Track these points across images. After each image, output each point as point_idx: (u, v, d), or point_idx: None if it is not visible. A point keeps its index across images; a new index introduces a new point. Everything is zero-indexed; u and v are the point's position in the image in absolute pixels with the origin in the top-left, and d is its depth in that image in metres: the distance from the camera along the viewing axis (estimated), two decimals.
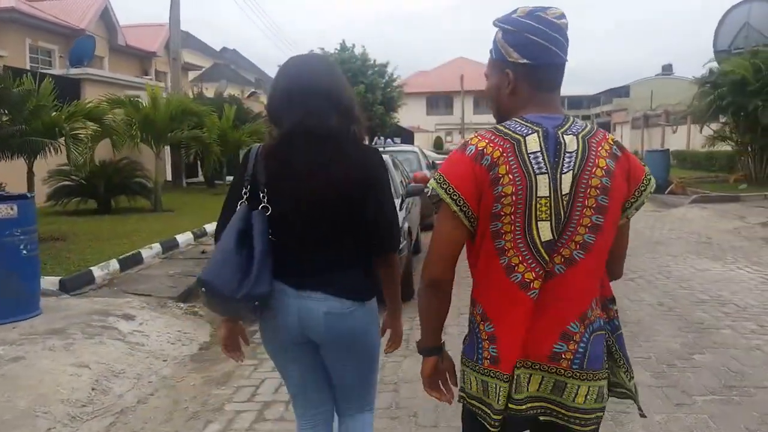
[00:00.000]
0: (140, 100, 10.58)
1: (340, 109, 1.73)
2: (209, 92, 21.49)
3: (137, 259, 6.71)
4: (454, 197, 1.34)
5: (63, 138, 6.96)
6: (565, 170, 1.35)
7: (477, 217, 1.36)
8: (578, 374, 1.39)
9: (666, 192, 14.16)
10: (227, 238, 1.68)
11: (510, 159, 1.33)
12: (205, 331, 4.77)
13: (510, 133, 1.37)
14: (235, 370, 3.79)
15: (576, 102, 67.29)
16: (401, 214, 5.64)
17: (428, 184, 1.41)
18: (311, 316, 1.74)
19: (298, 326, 1.76)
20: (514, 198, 1.33)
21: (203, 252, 7.39)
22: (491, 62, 1.47)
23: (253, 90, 30.34)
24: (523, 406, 1.40)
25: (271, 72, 27.35)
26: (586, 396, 1.39)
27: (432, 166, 12.63)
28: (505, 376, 1.38)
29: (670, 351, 4.08)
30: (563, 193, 1.34)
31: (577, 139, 1.38)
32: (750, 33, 16.59)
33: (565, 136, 1.38)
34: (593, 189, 1.36)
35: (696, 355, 4.02)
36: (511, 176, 1.32)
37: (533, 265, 1.35)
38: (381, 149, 11.96)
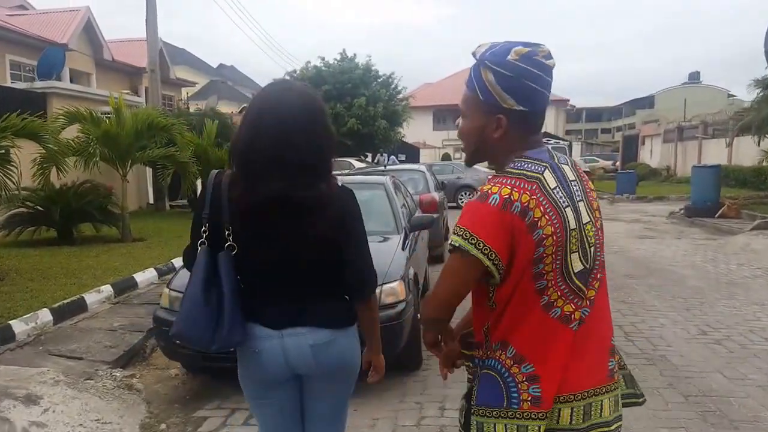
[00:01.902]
0: (111, 115, 9.46)
1: (323, 167, 1.68)
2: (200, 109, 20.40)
3: (79, 306, 5.49)
4: (485, 251, 1.30)
5: None
6: (578, 199, 1.40)
7: (505, 266, 1.33)
8: (613, 386, 1.46)
9: (717, 216, 12.32)
10: (193, 286, 1.65)
11: (541, 200, 1.32)
12: (137, 417, 3.55)
13: (528, 173, 1.35)
14: None
15: (595, 115, 64.81)
16: (403, 255, 4.39)
17: (451, 241, 1.35)
18: (298, 353, 1.73)
19: (284, 364, 1.74)
20: (554, 238, 1.32)
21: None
22: (474, 102, 1.40)
23: (244, 105, 29.26)
24: None
25: None
26: (609, 408, 1.43)
27: (441, 186, 11.38)
28: (544, 414, 1.36)
29: None
30: (584, 221, 1.39)
31: (569, 167, 1.44)
32: None
33: (563, 166, 1.42)
34: (597, 211, 1.47)
35: None
36: (547, 217, 1.31)
37: (572, 297, 1.37)
38: (383, 168, 10.86)
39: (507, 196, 1.30)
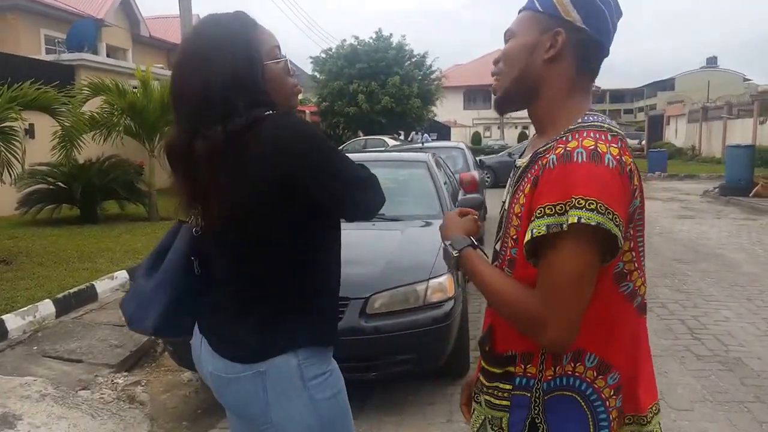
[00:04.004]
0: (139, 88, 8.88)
1: (224, 103, 1.18)
2: None
3: (88, 296, 4.92)
4: (622, 230, 1.00)
5: None
6: None
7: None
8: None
9: (751, 195, 12.23)
10: (148, 257, 1.41)
11: (634, 163, 1.08)
12: None
13: (613, 129, 1.09)
14: None
15: (618, 96, 68.19)
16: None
17: (582, 218, 0.96)
18: (206, 372, 1.34)
19: (206, 376, 1.38)
20: (640, 210, 1.11)
21: None
22: (529, 17, 1.16)
23: None
24: None
25: (304, 65, 25.87)
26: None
27: (480, 165, 10.69)
28: (631, 418, 1.13)
29: None
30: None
31: None
32: None
33: None
34: None
35: None
36: (637, 182, 1.08)
37: (644, 283, 1.16)
38: (420, 145, 10.25)
39: (617, 156, 1.02)
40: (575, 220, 0.96)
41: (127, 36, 20.39)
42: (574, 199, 0.97)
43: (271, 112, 1.19)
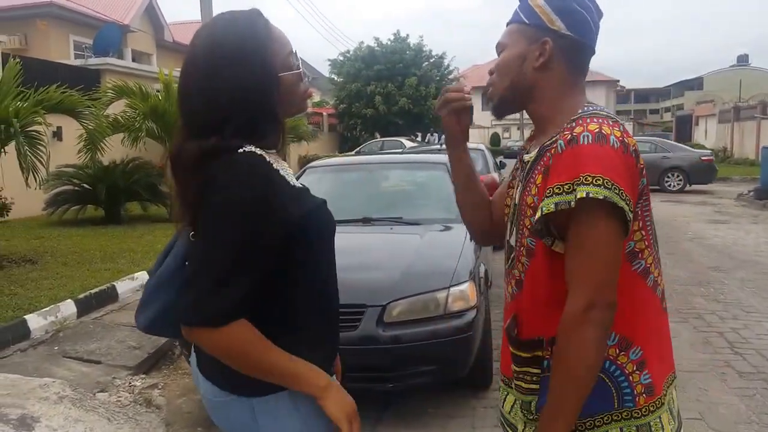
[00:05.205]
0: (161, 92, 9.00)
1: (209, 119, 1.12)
2: None
3: (109, 296, 4.96)
4: (629, 204, 1.07)
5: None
6: None
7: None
8: None
9: None
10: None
11: (636, 145, 1.15)
12: None
13: (615, 118, 1.17)
14: None
15: (643, 96, 67.48)
16: (472, 248, 3.43)
17: (590, 193, 1.04)
18: (201, 391, 1.25)
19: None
20: (647, 189, 1.18)
21: None
22: (517, 30, 1.25)
23: None
24: None
25: (322, 68, 26.10)
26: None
27: (500, 166, 10.54)
28: (660, 401, 1.17)
29: None
30: None
31: None
32: None
33: None
34: None
35: None
36: (642, 163, 1.14)
37: (658, 261, 1.22)
38: (438, 147, 10.10)
39: (620, 137, 1.10)
40: (583, 195, 1.03)
41: (152, 41, 20.74)
42: (582, 177, 1.05)
43: (245, 150, 1.10)
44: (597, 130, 1.09)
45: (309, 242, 1.16)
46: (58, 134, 9.01)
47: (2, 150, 5.43)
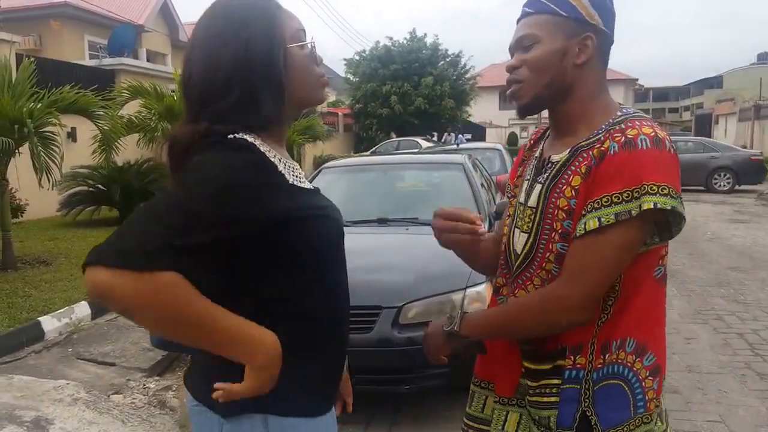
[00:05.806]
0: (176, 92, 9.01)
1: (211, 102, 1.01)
2: None
3: None
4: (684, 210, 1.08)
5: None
6: None
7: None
8: None
9: None
10: None
11: None
12: None
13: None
14: None
15: (662, 94, 66.11)
16: None
17: (660, 203, 1.01)
18: None
19: None
20: None
21: None
22: (551, 22, 1.14)
23: None
24: None
25: (337, 68, 26.06)
26: None
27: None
28: (659, 402, 1.16)
29: None
30: None
31: None
32: None
33: None
34: None
35: None
36: None
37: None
38: (455, 147, 10.03)
39: (671, 141, 1.08)
40: (651, 206, 1.00)
41: (167, 41, 20.85)
42: (646, 185, 1.01)
43: (235, 136, 0.99)
44: (653, 133, 1.06)
45: (309, 245, 1.04)
46: (72, 135, 9.06)
47: (17, 151, 5.44)
